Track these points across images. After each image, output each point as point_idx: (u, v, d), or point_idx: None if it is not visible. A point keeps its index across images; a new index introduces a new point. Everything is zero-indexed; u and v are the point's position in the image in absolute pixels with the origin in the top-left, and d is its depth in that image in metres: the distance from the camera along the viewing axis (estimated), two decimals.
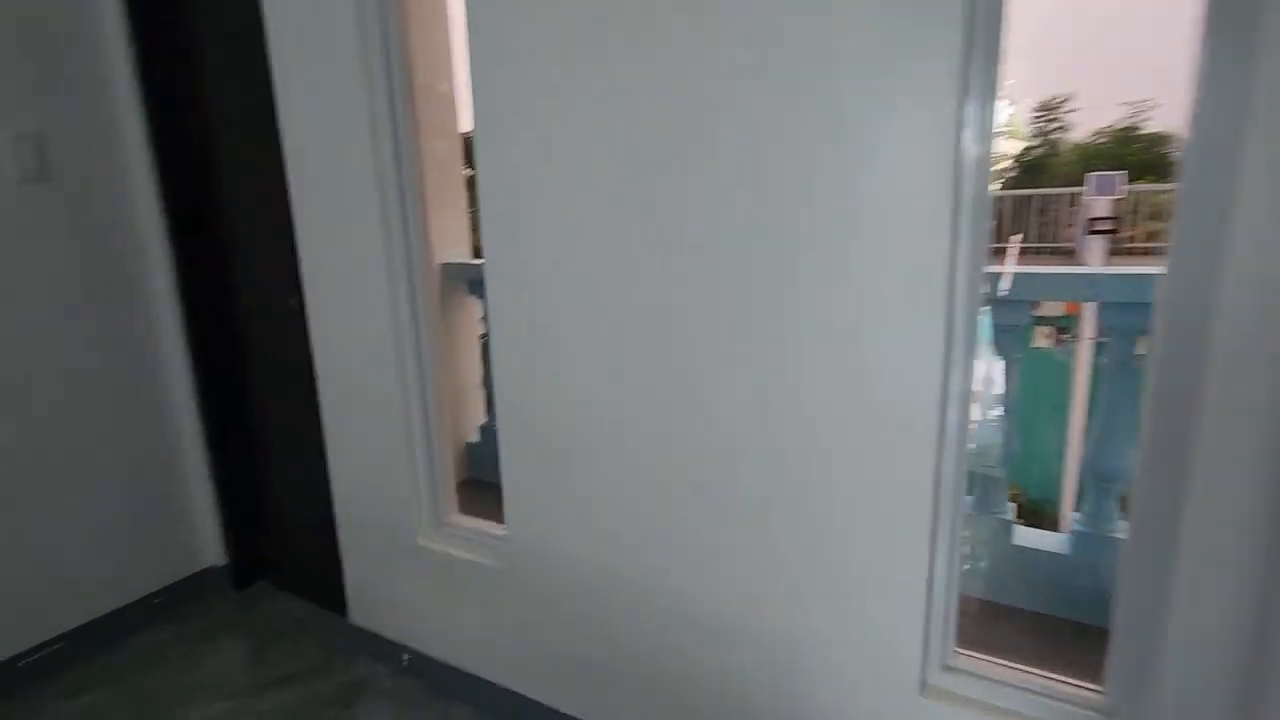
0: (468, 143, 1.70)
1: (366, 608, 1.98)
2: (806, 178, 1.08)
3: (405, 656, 1.89)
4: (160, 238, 2.07)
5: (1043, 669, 1.17)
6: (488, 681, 1.74)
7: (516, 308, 1.44)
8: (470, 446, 2.84)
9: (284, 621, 2.17)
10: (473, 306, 2.78)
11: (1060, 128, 15.50)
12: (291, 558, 2.29)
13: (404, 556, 1.82)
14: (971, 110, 0.97)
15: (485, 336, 1.92)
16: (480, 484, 2.43)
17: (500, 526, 1.65)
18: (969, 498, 1.87)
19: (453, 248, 2.69)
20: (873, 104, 1.01)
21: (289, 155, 1.72)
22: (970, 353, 1.06)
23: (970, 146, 0.98)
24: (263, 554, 2.36)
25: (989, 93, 0.97)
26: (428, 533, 1.79)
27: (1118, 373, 1.76)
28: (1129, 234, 9.18)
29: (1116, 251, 8.19)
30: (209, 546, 2.31)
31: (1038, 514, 4.78)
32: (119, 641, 2.08)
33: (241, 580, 2.34)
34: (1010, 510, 1.95)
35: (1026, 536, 1.92)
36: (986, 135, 0.98)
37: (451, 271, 2.67)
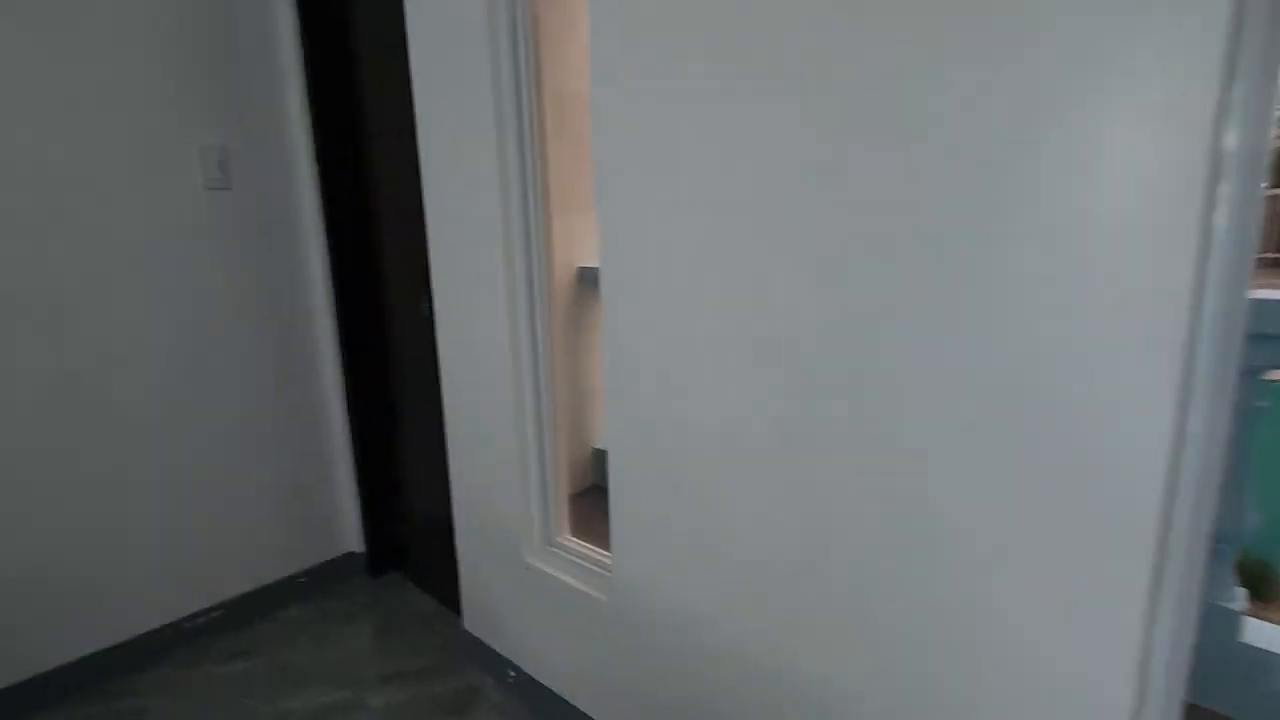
0: None
1: (479, 616, 1.98)
2: (996, 176, 0.85)
3: (511, 672, 1.86)
4: (319, 243, 2.21)
5: None
6: (586, 716, 1.65)
7: (631, 321, 1.32)
8: (597, 453, 2.80)
9: (409, 616, 2.24)
10: None
11: None
12: (419, 552, 2.36)
13: (512, 572, 1.78)
14: (1241, 87, 0.69)
15: None
16: (604, 492, 2.36)
17: (608, 554, 1.55)
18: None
19: (591, 252, 2.65)
20: (1096, 75, 0.76)
21: (423, 162, 1.74)
22: (1220, 409, 0.77)
23: (1237, 132, 0.70)
24: (396, 545, 2.46)
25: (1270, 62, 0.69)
26: (536, 551, 1.73)
27: None
28: None
29: None
30: (350, 533, 2.45)
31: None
32: (269, 614, 2.25)
33: (377, 568, 2.45)
34: (1239, 596, 1.53)
35: (1263, 635, 1.49)
36: (1262, 117, 0.70)
37: (587, 276, 2.63)
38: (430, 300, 1.84)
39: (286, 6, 2.06)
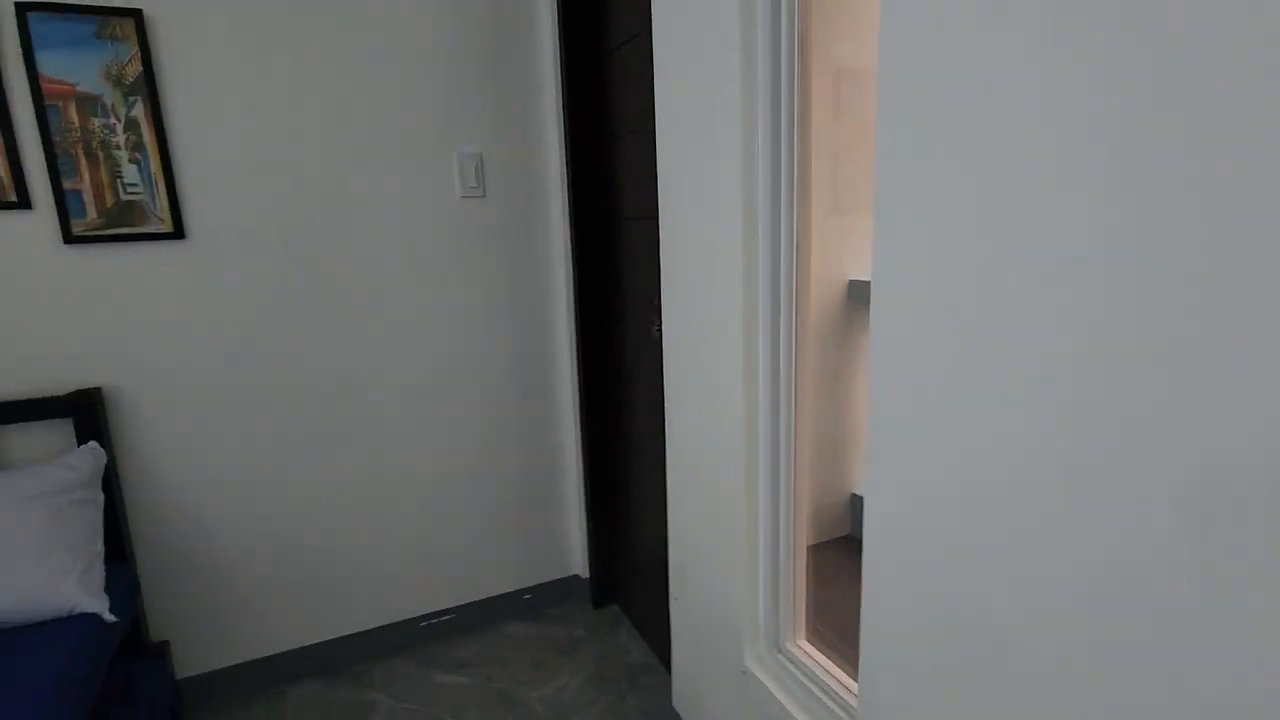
0: None
1: (687, 697, 1.67)
2: None
3: None
4: (564, 253, 2.10)
5: None
6: None
7: (906, 358, 0.87)
8: (855, 499, 2.31)
9: (622, 664, 2.03)
10: None
11: None
12: (640, 593, 2.14)
13: (727, 667, 1.43)
14: None
15: None
16: (856, 545, 1.88)
17: (854, 678, 1.12)
18: None
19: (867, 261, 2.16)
20: None
21: (660, 158, 1.46)
22: None
23: None
24: (619, 578, 2.27)
25: None
26: (757, 653, 1.36)
27: None
28: None
29: None
30: (576, 557, 2.34)
31: None
32: (493, 626, 2.22)
33: (599, 598, 2.30)
34: None
35: None
36: None
37: (860, 292, 2.14)
38: (660, 321, 1.57)
39: (547, 7, 1.96)
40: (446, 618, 2.17)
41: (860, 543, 1.00)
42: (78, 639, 1.38)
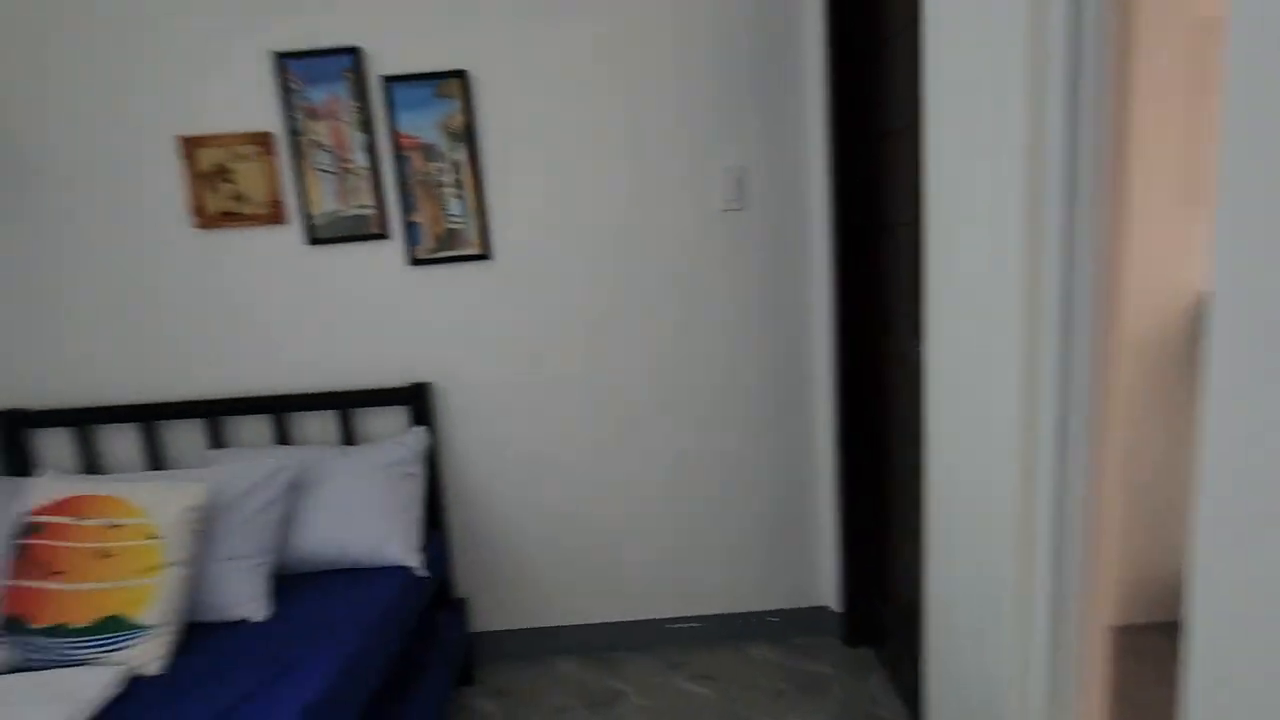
0: None
1: None
2: None
3: None
4: (823, 266, 1.98)
5: None
6: None
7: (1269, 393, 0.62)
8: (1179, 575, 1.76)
9: (867, 713, 1.84)
10: None
11: None
12: (897, 640, 1.91)
13: None
14: None
15: None
16: (1170, 632, 1.43)
17: None
18: None
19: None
20: None
21: (926, 151, 1.28)
22: None
23: None
24: (875, 619, 2.07)
25: None
26: None
27: None
28: None
29: None
30: (827, 587, 2.19)
31: None
32: (738, 643, 2.19)
33: (852, 637, 2.12)
34: None
35: None
36: None
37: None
38: (921, 340, 1.38)
39: (815, 6, 1.87)
40: (694, 625, 2.21)
41: (1174, 630, 0.74)
42: (398, 586, 1.70)
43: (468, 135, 1.94)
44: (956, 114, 1.17)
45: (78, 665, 1.33)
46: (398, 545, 1.77)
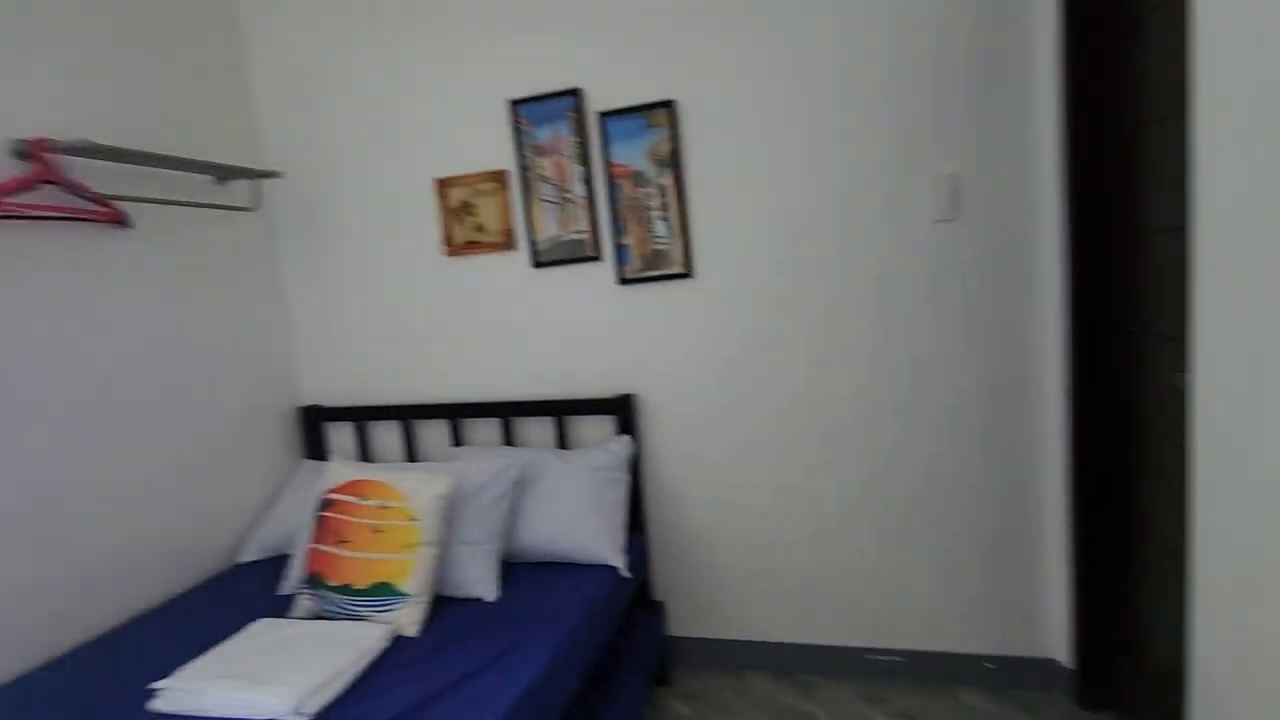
0: None
1: None
2: None
3: None
4: (1056, 281, 1.78)
5: None
6: None
7: None
8: None
9: None
10: None
11: None
12: (1147, 707, 1.65)
13: None
14: None
15: None
16: None
17: None
18: None
19: None
20: None
21: (1195, 142, 1.11)
22: None
23: None
24: (1117, 680, 1.80)
25: None
26: None
27: None
28: None
29: None
30: (1055, 638, 1.94)
31: None
32: (946, 686, 2.04)
33: (1089, 699, 1.86)
34: None
35: None
36: None
37: None
38: (1189, 370, 1.19)
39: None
40: (897, 659, 2.09)
41: None
42: (605, 582, 1.83)
43: (674, 161, 2.04)
44: (1245, 97, 1.01)
45: (358, 620, 1.62)
46: (605, 545, 1.91)
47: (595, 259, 2.16)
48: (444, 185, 2.25)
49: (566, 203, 2.16)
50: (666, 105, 2.03)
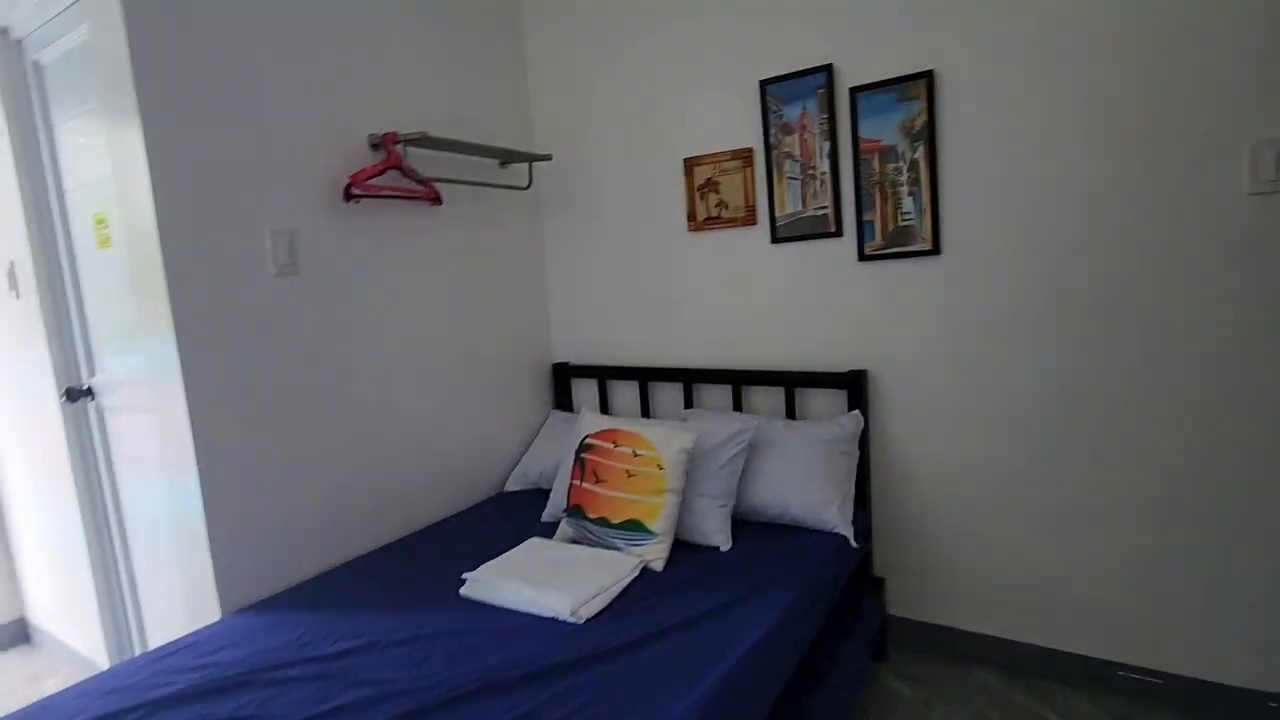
0: None
1: None
2: None
3: None
4: None
5: None
6: None
7: None
8: None
9: None
10: None
11: None
12: None
13: None
14: None
15: None
16: None
17: None
18: None
19: None
20: None
21: None
22: None
23: None
24: None
25: None
26: None
27: None
28: None
29: None
30: None
31: None
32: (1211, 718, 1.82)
33: None
34: None
35: None
36: None
37: None
38: None
39: None
40: (1153, 680, 1.90)
41: None
42: (833, 549, 1.89)
43: (929, 134, 1.99)
44: None
45: (612, 550, 1.84)
46: (835, 513, 1.96)
47: (836, 234, 2.18)
48: (690, 164, 2.40)
49: (809, 179, 2.20)
50: (924, 76, 1.97)
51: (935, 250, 2.04)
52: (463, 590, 1.70)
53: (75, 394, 2.16)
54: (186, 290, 1.65)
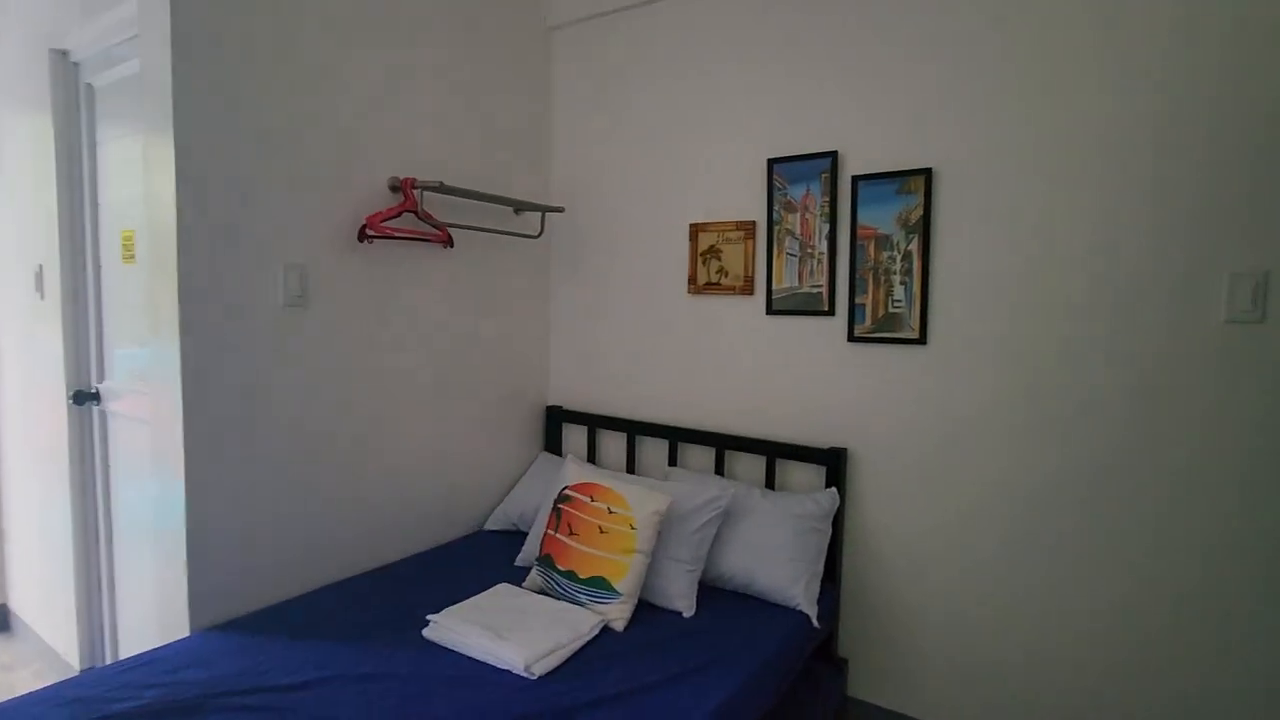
0: None
1: None
2: None
3: None
4: None
5: None
6: None
7: None
8: None
9: None
10: None
11: None
12: None
13: None
14: None
15: None
16: None
17: None
18: None
19: None
20: None
21: None
22: None
23: None
24: None
25: None
26: None
27: None
28: None
29: None
30: None
31: None
32: None
33: None
34: None
35: None
36: None
37: None
38: None
39: None
40: None
41: None
42: (794, 626, 1.91)
43: (924, 228, 2.06)
44: None
45: (576, 605, 1.87)
46: (801, 590, 1.98)
47: (829, 313, 2.24)
48: (696, 230, 2.49)
49: (807, 257, 2.27)
50: (923, 173, 2.05)
51: (922, 340, 2.09)
52: (425, 631, 1.74)
53: (83, 396, 2.25)
54: (196, 311, 1.73)
